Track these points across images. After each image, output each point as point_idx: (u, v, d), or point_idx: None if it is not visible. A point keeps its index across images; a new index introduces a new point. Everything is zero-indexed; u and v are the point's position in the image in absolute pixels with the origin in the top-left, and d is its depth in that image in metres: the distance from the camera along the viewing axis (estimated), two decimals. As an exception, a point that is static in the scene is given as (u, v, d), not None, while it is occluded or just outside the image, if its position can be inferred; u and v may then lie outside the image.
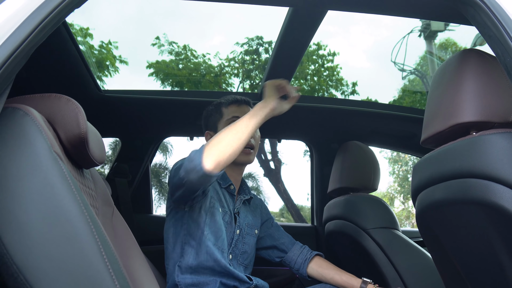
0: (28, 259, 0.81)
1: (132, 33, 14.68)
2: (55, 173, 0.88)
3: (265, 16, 15.79)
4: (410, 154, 2.74)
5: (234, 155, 1.42)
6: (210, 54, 11.74)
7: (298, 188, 14.99)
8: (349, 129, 2.57)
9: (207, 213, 1.63)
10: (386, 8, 1.37)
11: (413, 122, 2.49)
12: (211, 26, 16.24)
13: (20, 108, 0.92)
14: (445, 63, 1.27)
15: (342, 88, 12.23)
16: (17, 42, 0.86)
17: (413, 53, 13.52)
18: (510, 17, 1.04)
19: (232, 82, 11.68)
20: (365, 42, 17.04)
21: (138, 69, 14.35)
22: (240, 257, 1.75)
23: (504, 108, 1.10)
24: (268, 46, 11.85)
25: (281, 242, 1.90)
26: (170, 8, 15.67)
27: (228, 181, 1.76)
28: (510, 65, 1.01)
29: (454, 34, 13.42)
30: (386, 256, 1.88)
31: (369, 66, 19.00)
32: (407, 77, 12.50)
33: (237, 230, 1.74)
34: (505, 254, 1.08)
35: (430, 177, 1.26)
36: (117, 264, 0.87)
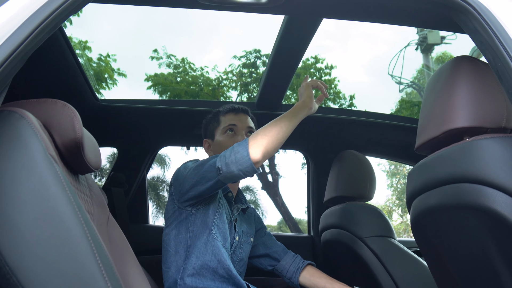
0: (21, 260, 0.81)
1: (131, 46, 14.77)
2: (49, 175, 0.88)
3: (263, 29, 15.91)
4: (406, 164, 2.75)
5: (278, 147, 1.50)
6: (208, 67, 11.81)
7: (296, 201, 14.95)
8: (345, 138, 2.58)
9: (215, 213, 1.62)
10: (379, 16, 1.39)
11: (409, 132, 2.50)
12: (209, 40, 16.36)
13: (15, 111, 0.93)
14: (439, 70, 1.29)
15: (340, 101, 12.29)
16: (14, 45, 0.87)
17: (410, 66, 13.61)
18: (500, 23, 1.05)
19: (230, 95, 11.73)
20: (362, 56, 17.17)
21: (136, 82, 14.42)
22: (237, 264, 1.74)
23: (497, 114, 1.12)
24: (266, 59, 11.92)
25: (274, 251, 1.90)
26: (169, 22, 15.80)
27: (227, 189, 1.77)
28: (501, 70, 1.03)
29: (451, 47, 13.53)
30: (382, 264, 1.88)
31: (367, 80, 19.12)
32: (405, 90, 12.57)
33: (237, 236, 1.73)
34: (499, 259, 1.09)
35: (424, 183, 1.27)
36: (111, 266, 0.87)
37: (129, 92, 12.70)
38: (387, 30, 20.57)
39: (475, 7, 1.08)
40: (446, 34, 10.43)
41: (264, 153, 1.44)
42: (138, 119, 2.35)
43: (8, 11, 0.90)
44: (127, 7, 1.65)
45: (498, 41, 1.03)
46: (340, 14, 1.38)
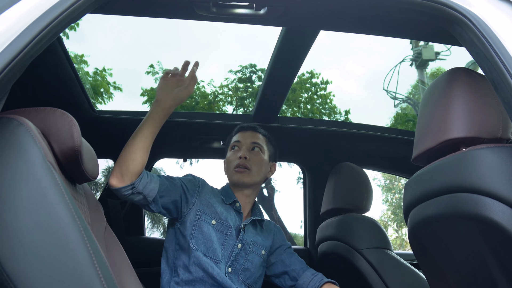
0: (19, 267, 0.80)
1: (127, 60, 14.82)
2: (48, 181, 0.88)
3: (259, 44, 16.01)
4: (403, 177, 2.76)
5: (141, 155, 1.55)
6: (204, 81, 11.84)
7: (291, 215, 14.90)
8: (341, 151, 2.59)
9: (193, 226, 1.69)
10: (376, 28, 1.41)
11: (405, 144, 2.51)
12: (205, 55, 16.45)
13: (14, 118, 0.93)
14: (435, 82, 1.30)
15: (335, 116, 12.33)
16: (14, 52, 0.87)
17: (405, 81, 13.71)
18: (496, 34, 1.07)
19: (226, 109, 11.75)
20: (357, 71, 17.30)
21: (132, 96, 14.44)
22: (242, 274, 1.75)
23: (493, 124, 1.13)
24: (261, 74, 11.98)
25: (292, 269, 1.88)
26: (165, 36, 15.89)
27: (232, 198, 1.82)
28: (497, 80, 1.04)
29: (445, 63, 13.65)
30: (379, 276, 1.87)
31: (362, 94, 19.22)
32: (399, 105, 12.64)
33: (239, 244, 1.76)
34: (496, 268, 1.09)
35: (421, 194, 1.27)
36: (109, 273, 0.86)
37: (125, 107, 12.70)
38: (382, 45, 20.78)
39: (471, 18, 1.10)
40: (440, 50, 10.53)
41: (115, 174, 1.54)
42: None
43: (9, 19, 0.91)
44: (124, 21, 1.65)
45: (494, 52, 1.05)
46: (337, 26, 1.40)
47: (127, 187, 1.53)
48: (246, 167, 1.81)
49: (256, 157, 1.86)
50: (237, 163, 1.82)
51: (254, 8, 1.28)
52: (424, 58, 10.59)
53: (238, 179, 1.81)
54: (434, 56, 10.68)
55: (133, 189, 1.55)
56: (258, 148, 1.88)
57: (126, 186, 1.53)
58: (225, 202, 1.80)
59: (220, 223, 1.73)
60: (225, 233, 1.73)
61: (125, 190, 1.54)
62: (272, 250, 1.91)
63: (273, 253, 1.91)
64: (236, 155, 1.85)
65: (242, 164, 1.81)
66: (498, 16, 1.12)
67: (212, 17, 1.31)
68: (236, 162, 1.83)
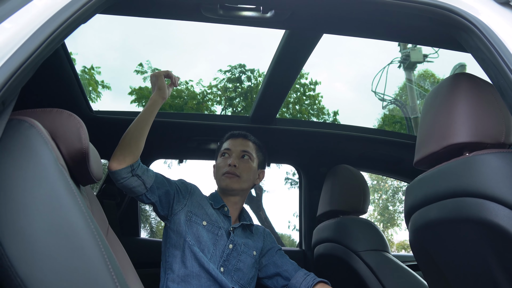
0: (33, 272, 0.79)
1: (116, 59, 14.71)
2: (61, 184, 0.87)
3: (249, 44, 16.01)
4: (398, 179, 2.78)
5: (138, 143, 1.62)
6: (193, 81, 11.80)
7: (279, 215, 14.93)
8: (337, 153, 2.60)
9: (186, 225, 1.74)
10: (380, 33, 1.42)
11: (401, 147, 2.53)
12: (195, 54, 16.39)
13: (25, 120, 0.92)
14: (437, 87, 1.31)
15: (324, 117, 12.38)
16: (26, 54, 0.86)
17: (393, 83, 13.81)
18: (502, 41, 1.08)
19: (215, 109, 11.73)
20: (346, 72, 17.39)
21: (120, 95, 14.34)
22: (234, 274, 1.78)
23: (496, 130, 1.14)
24: (250, 74, 11.98)
25: (284, 270, 1.90)
26: (155, 35, 15.80)
27: (220, 203, 1.86)
28: (504, 87, 1.05)
29: (433, 65, 13.79)
30: (377, 278, 1.88)
31: (350, 96, 19.33)
32: (387, 107, 12.73)
33: (230, 244, 1.79)
34: (499, 271, 1.10)
35: (424, 197, 1.28)
36: (123, 278, 0.86)
37: (112, 106, 12.58)
38: (371, 47, 20.90)
39: (478, 25, 1.11)
40: (428, 52, 10.62)
41: (118, 158, 1.60)
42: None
43: (21, 20, 0.89)
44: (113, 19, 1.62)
45: (501, 59, 1.06)
46: (342, 30, 1.41)
47: (127, 168, 1.59)
48: (235, 174, 1.86)
49: (246, 165, 1.90)
50: (227, 170, 1.86)
51: (261, 11, 1.28)
52: (412, 60, 10.68)
53: (227, 185, 1.85)
54: (422, 58, 10.78)
55: (133, 171, 1.61)
56: (247, 156, 1.92)
57: (126, 167, 1.59)
58: (213, 206, 1.84)
59: (211, 224, 1.77)
60: (216, 234, 1.77)
61: (125, 171, 1.59)
62: (263, 252, 1.93)
63: (265, 255, 1.93)
64: (226, 162, 1.89)
65: (232, 171, 1.86)
66: (504, 24, 1.13)
67: (218, 19, 1.31)
68: (225, 169, 1.87)
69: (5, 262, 0.79)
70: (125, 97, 10.76)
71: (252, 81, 12.04)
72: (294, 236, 13.06)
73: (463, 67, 9.75)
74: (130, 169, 1.60)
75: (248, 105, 11.94)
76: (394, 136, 2.63)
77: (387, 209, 16.12)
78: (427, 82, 13.55)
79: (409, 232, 1.40)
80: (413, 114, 10.78)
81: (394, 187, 16.30)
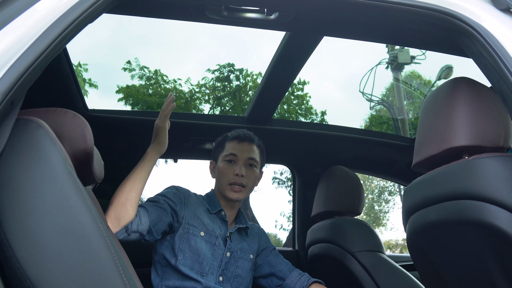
0: (43, 274, 0.78)
1: (103, 56, 14.57)
2: (70, 186, 0.86)
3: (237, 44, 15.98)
4: (391, 181, 2.81)
5: (134, 200, 1.51)
6: (181, 80, 11.76)
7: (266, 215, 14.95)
8: (332, 154, 2.62)
9: (181, 240, 1.69)
10: (382, 36, 1.43)
11: (395, 148, 2.56)
12: (183, 53, 16.32)
13: (32, 120, 0.91)
14: (436, 91, 1.33)
15: (311, 116, 12.43)
16: (36, 53, 0.85)
17: (380, 84, 13.92)
18: (504, 47, 1.10)
19: (203, 108, 11.70)
20: (334, 72, 17.47)
21: (107, 93, 14.22)
22: (234, 280, 1.77)
23: (495, 134, 1.16)
24: (239, 74, 11.98)
25: (279, 270, 1.90)
26: (143, 33, 15.70)
27: (218, 207, 1.82)
28: (506, 92, 1.07)
29: (419, 67, 13.93)
30: (372, 279, 1.90)
31: (338, 96, 19.43)
32: (375, 107, 12.84)
33: (227, 252, 1.77)
34: (498, 273, 1.12)
35: (424, 199, 1.30)
36: (133, 280, 0.85)
37: (99, 104, 12.48)
38: (359, 47, 21.04)
39: (480, 31, 1.13)
40: (415, 54, 10.73)
41: (113, 221, 1.48)
42: (126, 130, 2.32)
43: (30, 20, 0.89)
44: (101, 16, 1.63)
45: (503, 64, 1.07)
46: (344, 33, 1.42)
47: (121, 230, 1.49)
48: (242, 185, 1.80)
49: (252, 174, 1.85)
50: (234, 180, 1.79)
51: (265, 13, 1.28)
52: (400, 62, 10.78)
53: (234, 198, 1.81)
54: (409, 60, 10.89)
55: (128, 231, 1.50)
56: (254, 164, 1.86)
57: (120, 229, 1.49)
58: (210, 211, 1.80)
59: (208, 234, 1.73)
60: (214, 244, 1.73)
61: (120, 233, 1.49)
62: (258, 252, 1.93)
63: (259, 255, 1.93)
64: (232, 170, 1.81)
65: (239, 182, 1.80)
66: (505, 30, 1.15)
67: (222, 20, 1.31)
68: (231, 178, 1.80)
69: (14, 264, 0.78)
70: (112, 95, 10.67)
71: (240, 81, 12.04)
72: (280, 236, 13.08)
73: (450, 69, 9.88)
74: (125, 230, 1.50)
75: (237, 105, 11.93)
76: (388, 137, 2.65)
77: (373, 209, 16.26)
78: (414, 83, 13.69)
79: (407, 234, 1.41)
80: (400, 115, 10.87)
81: (380, 187, 16.45)
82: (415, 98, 13.27)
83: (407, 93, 12.53)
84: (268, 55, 1.98)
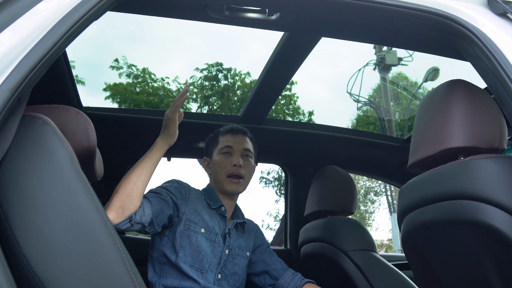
0: (51, 271, 0.78)
1: (91, 53, 14.44)
2: (77, 183, 0.86)
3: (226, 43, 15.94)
4: (383, 181, 2.84)
5: (140, 191, 1.47)
6: (169, 78, 11.71)
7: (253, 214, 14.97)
8: (324, 154, 2.63)
9: (182, 236, 1.67)
10: (380, 38, 1.45)
11: (387, 149, 2.58)
12: (172, 51, 16.24)
13: (38, 117, 0.91)
14: (432, 93, 1.34)
15: (299, 116, 12.47)
16: (44, 50, 0.85)
17: (368, 85, 14.03)
18: (501, 50, 1.13)
19: (190, 107, 11.66)
20: (322, 73, 17.54)
21: (94, 91, 14.09)
22: (231, 278, 1.76)
23: (490, 135, 1.18)
24: (227, 73, 11.97)
25: (273, 268, 1.92)
26: (131, 31, 15.59)
27: (218, 202, 1.81)
28: (503, 95, 1.09)
29: (406, 68, 14.07)
30: (365, 278, 1.91)
31: (326, 96, 19.51)
32: (362, 108, 12.92)
33: (226, 250, 1.76)
34: (493, 271, 1.14)
35: (420, 199, 1.31)
36: (141, 279, 0.85)
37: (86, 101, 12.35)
38: (347, 48, 21.16)
39: (477, 35, 1.15)
40: (403, 55, 10.83)
41: (117, 210, 1.43)
42: (120, 128, 2.31)
43: (38, 17, 0.89)
44: None
45: (500, 67, 1.10)
46: (343, 34, 1.43)
47: (125, 220, 1.46)
48: (240, 176, 1.81)
49: (249, 165, 1.87)
50: (232, 172, 1.80)
51: (266, 13, 1.29)
52: (387, 63, 10.87)
53: (233, 190, 1.81)
54: (396, 61, 10.99)
55: (131, 221, 1.48)
56: (249, 155, 1.88)
57: (124, 220, 1.45)
58: (211, 206, 1.79)
59: (208, 231, 1.72)
60: (214, 241, 1.73)
61: (124, 223, 1.46)
62: (253, 249, 1.94)
63: (254, 252, 1.94)
64: (230, 161, 1.82)
65: (237, 173, 1.81)
66: (502, 34, 1.18)
67: (224, 20, 1.31)
68: (229, 169, 1.81)
69: (22, 261, 0.78)
70: (99, 93, 10.58)
71: (229, 80, 12.04)
72: (267, 235, 13.11)
73: (436, 71, 9.99)
74: (129, 220, 1.47)
75: (224, 104, 11.92)
76: (380, 138, 2.68)
77: (359, 209, 16.38)
78: (401, 84, 13.82)
79: (402, 233, 1.43)
80: (387, 116, 10.96)
81: (366, 187, 16.57)
82: (402, 99, 13.40)
83: (394, 94, 12.65)
84: (257, 55, 1.99)
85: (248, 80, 11.87)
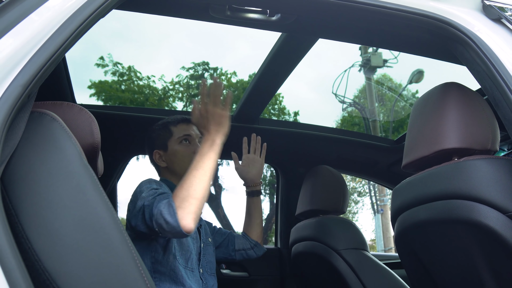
0: (61, 267, 0.78)
1: (75, 50, 14.24)
2: (87, 179, 0.87)
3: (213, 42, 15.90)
4: (373, 181, 2.88)
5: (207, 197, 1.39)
6: (155, 77, 11.63)
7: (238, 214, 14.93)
8: (315, 154, 2.66)
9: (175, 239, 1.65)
10: (377, 41, 1.47)
11: (377, 150, 2.62)
12: (158, 49, 16.14)
13: (46, 113, 0.91)
14: (427, 95, 1.37)
15: (284, 117, 12.49)
16: (55, 46, 0.86)
17: (353, 86, 14.11)
18: (496, 54, 1.16)
19: (176, 106, 11.61)
20: (307, 73, 17.59)
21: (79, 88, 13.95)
22: (208, 267, 1.80)
23: (483, 137, 1.21)
24: (213, 72, 11.93)
25: (229, 233, 2.05)
26: (117, 28, 15.45)
27: None
28: (499, 98, 1.13)
29: (391, 70, 14.20)
30: (357, 276, 1.94)
31: (311, 97, 19.59)
32: (347, 109, 13.01)
33: (202, 243, 1.81)
34: (486, 270, 1.17)
35: (413, 199, 1.34)
36: (148, 274, 0.86)
37: (71, 98, 12.18)
38: (333, 49, 21.27)
39: (473, 39, 1.19)
40: (388, 57, 10.93)
41: (195, 219, 1.36)
42: (111, 126, 2.29)
43: (46, 14, 0.89)
44: None
45: (496, 71, 1.13)
46: (341, 36, 1.46)
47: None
48: None
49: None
50: None
51: (267, 14, 1.31)
52: (373, 65, 10.96)
53: None
54: (382, 63, 11.09)
55: None
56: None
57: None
58: None
59: None
60: (194, 238, 1.75)
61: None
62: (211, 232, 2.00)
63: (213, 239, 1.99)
64: (191, 149, 1.78)
65: None
66: (497, 38, 1.21)
67: (225, 20, 1.33)
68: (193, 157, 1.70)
69: (32, 257, 0.78)
70: (84, 90, 10.44)
71: (217, 79, 11.98)
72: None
73: (421, 73, 10.11)
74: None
75: (211, 103, 11.85)
76: (371, 139, 2.71)
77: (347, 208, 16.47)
78: (385, 85, 13.95)
79: (395, 233, 1.45)
80: (371, 117, 11.06)
81: (349, 188, 16.68)
82: (386, 101, 13.53)
83: (378, 95, 12.76)
84: (244, 55, 1.99)
85: (234, 80, 11.86)
